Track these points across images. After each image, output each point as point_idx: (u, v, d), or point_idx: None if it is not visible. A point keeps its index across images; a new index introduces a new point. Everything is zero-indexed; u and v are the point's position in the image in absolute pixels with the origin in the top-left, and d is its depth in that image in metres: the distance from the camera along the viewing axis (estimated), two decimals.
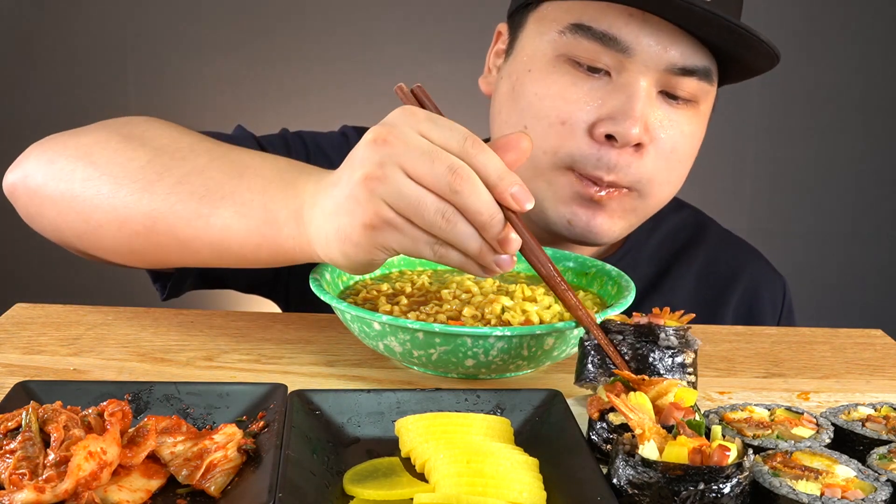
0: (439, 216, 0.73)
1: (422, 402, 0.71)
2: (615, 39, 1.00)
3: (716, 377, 0.90)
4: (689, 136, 1.07)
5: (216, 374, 0.85)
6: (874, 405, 0.74)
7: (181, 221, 0.87)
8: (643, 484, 0.58)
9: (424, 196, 0.73)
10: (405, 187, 0.73)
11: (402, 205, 0.73)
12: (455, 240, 0.74)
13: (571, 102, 1.02)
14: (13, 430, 0.61)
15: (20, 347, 0.89)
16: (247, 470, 0.62)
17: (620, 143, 1.01)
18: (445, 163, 0.72)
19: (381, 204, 0.74)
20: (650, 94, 1.02)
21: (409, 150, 0.73)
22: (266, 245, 0.85)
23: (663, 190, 1.08)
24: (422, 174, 0.72)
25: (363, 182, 0.74)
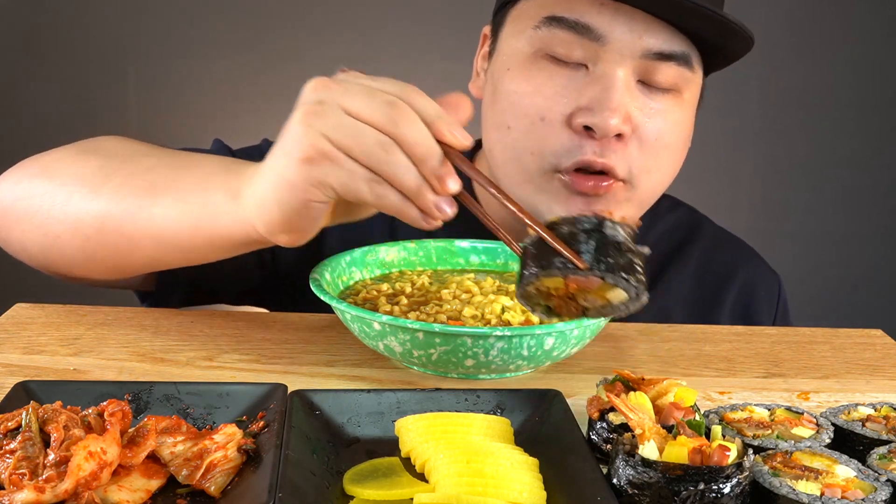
0: (378, 146, 0.72)
1: (422, 402, 0.71)
2: (588, 28, 1.00)
3: (716, 377, 0.90)
4: (675, 125, 1.06)
5: (216, 374, 0.85)
6: (874, 405, 0.74)
7: (126, 217, 0.88)
8: (643, 484, 0.58)
9: (363, 127, 0.73)
10: (344, 118, 0.73)
11: (339, 136, 0.73)
12: (393, 172, 0.73)
13: (549, 97, 1.02)
14: (13, 430, 0.61)
15: (20, 347, 0.89)
16: (247, 470, 0.62)
17: (600, 135, 1.00)
18: (384, 98, 0.73)
19: (318, 136, 0.73)
20: (628, 84, 1.02)
21: (348, 89, 0.74)
22: (203, 227, 0.85)
23: (653, 179, 1.07)
24: (360, 108, 0.73)
25: (301, 119, 0.74)
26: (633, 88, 1.02)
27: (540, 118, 1.03)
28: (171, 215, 0.86)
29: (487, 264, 1.04)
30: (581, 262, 0.68)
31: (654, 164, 1.06)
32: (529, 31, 1.03)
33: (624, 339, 0.99)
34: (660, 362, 0.93)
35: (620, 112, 1.00)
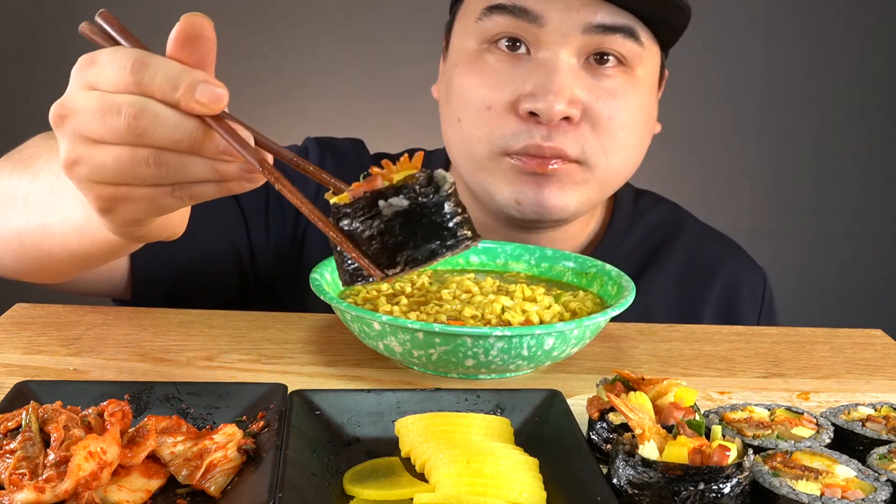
0: (145, 166, 0.64)
1: (422, 402, 0.71)
2: (525, 10, 1.01)
3: (716, 377, 0.90)
4: (629, 103, 1.05)
5: (216, 374, 0.85)
6: (874, 405, 0.74)
7: (37, 231, 0.85)
8: (643, 484, 0.58)
9: (119, 155, 0.64)
10: (100, 158, 0.65)
11: (107, 175, 0.65)
12: (183, 177, 0.65)
13: (494, 87, 1.04)
14: (13, 430, 0.61)
15: (20, 347, 0.89)
16: (247, 470, 0.62)
17: (545, 120, 1.01)
18: (115, 111, 0.63)
19: (95, 186, 0.67)
20: (572, 66, 1.02)
21: (82, 115, 0.65)
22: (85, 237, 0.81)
23: (613, 161, 1.06)
24: (102, 135, 0.64)
25: (68, 171, 0.67)
26: (579, 70, 1.03)
27: (486, 107, 1.04)
28: (65, 230, 0.82)
29: (487, 264, 1.04)
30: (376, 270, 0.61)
31: (610, 145, 1.05)
32: (473, 25, 1.05)
33: (624, 339, 0.99)
34: (660, 362, 0.93)
35: (564, 95, 1.00)
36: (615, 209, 1.23)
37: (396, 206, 0.60)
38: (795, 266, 2.80)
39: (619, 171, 1.09)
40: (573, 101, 1.01)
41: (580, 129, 1.03)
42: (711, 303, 1.20)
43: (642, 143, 1.10)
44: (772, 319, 1.25)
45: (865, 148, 2.85)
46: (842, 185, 2.86)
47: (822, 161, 2.85)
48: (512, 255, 1.04)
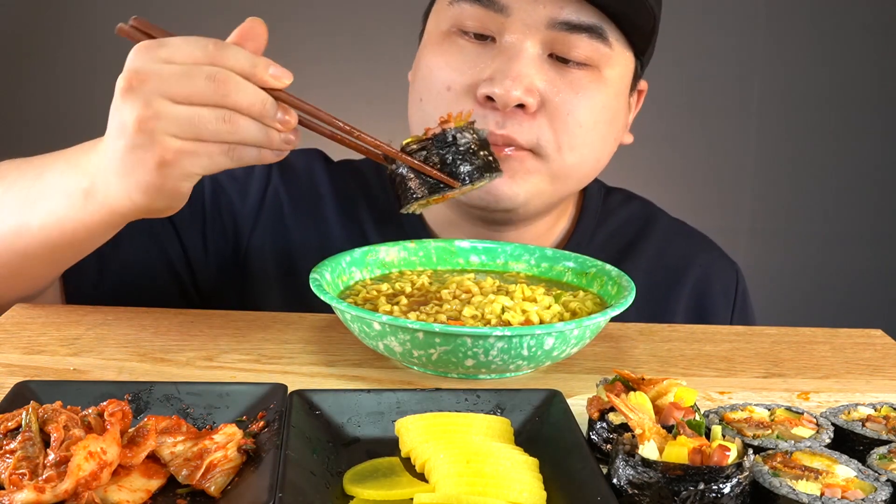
0: (221, 123, 0.77)
1: (422, 402, 0.71)
2: (492, 0, 1.01)
3: (716, 377, 0.90)
4: (590, 100, 1.04)
5: (216, 374, 0.85)
6: (874, 405, 0.74)
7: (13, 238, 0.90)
8: (643, 484, 0.58)
9: (200, 112, 0.76)
10: (179, 112, 0.76)
11: (183, 129, 0.76)
12: (243, 138, 0.78)
13: (455, 69, 1.04)
14: (13, 430, 0.61)
15: (20, 347, 0.89)
16: (247, 470, 0.62)
17: (500, 104, 1.00)
18: (202, 74, 0.76)
19: (165, 138, 0.77)
20: (535, 56, 1.02)
21: (165, 79, 0.76)
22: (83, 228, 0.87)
23: (566, 157, 1.05)
24: (187, 94, 0.76)
25: (138, 127, 0.77)
26: (542, 61, 1.03)
27: (446, 88, 1.05)
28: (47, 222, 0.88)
29: (487, 264, 1.04)
30: (453, 181, 0.86)
31: (567, 141, 1.04)
32: (445, 8, 1.06)
33: (624, 339, 0.99)
34: (660, 362, 0.93)
35: (521, 82, 1.00)
36: (583, 207, 1.23)
37: (460, 139, 0.87)
38: (795, 266, 2.80)
39: (573, 169, 1.07)
40: (530, 90, 1.01)
41: (536, 121, 1.02)
42: (683, 299, 1.19)
43: (604, 145, 1.09)
44: (746, 315, 1.23)
45: (867, 148, 2.85)
46: (842, 186, 2.86)
47: (823, 161, 2.85)
48: (512, 255, 1.04)
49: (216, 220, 1.16)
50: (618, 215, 1.24)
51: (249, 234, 1.16)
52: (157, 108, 0.76)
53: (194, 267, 1.15)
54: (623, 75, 1.08)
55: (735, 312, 1.22)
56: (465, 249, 1.05)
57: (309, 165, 1.23)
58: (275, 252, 1.16)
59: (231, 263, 1.16)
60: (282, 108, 0.80)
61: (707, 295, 1.20)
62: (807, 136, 2.83)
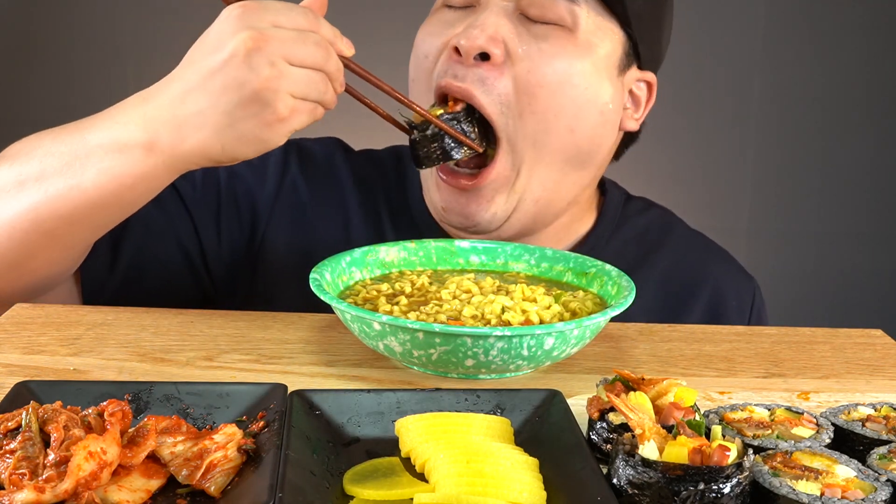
0: (323, 84, 0.88)
1: (422, 402, 0.71)
2: None
3: (716, 377, 0.90)
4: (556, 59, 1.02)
5: (216, 374, 0.85)
6: (874, 405, 0.74)
7: (58, 201, 0.91)
8: (643, 484, 0.58)
9: (311, 75, 0.87)
10: (299, 74, 0.85)
11: (300, 89, 0.86)
12: (329, 99, 0.89)
13: (437, 35, 1.06)
14: (13, 430, 0.61)
15: (20, 347, 0.89)
16: (247, 470, 0.62)
17: (464, 53, 1.01)
18: (312, 42, 0.86)
19: (286, 97, 0.85)
20: (506, 11, 1.03)
21: (284, 43, 0.85)
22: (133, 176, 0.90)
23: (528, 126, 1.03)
24: (303, 58, 0.85)
25: (264, 85, 0.84)
26: (513, 17, 1.04)
27: (424, 55, 1.07)
28: (100, 181, 0.90)
29: (487, 264, 1.04)
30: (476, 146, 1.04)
31: (527, 105, 1.02)
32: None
33: (624, 339, 0.99)
34: (660, 362, 0.93)
35: (486, 30, 1.01)
36: (601, 213, 1.21)
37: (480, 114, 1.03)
38: (795, 266, 2.79)
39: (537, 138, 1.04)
40: (494, 39, 1.01)
41: (501, 79, 1.02)
42: (696, 312, 1.17)
43: (575, 113, 1.04)
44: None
45: (866, 148, 2.85)
46: (842, 185, 2.86)
47: (823, 161, 2.85)
48: (512, 255, 1.04)
49: (231, 207, 1.15)
50: (635, 223, 1.22)
51: (267, 222, 1.16)
52: (282, 68, 0.84)
53: (207, 254, 1.15)
54: (602, 41, 1.05)
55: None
56: (465, 249, 1.05)
57: (329, 153, 1.23)
58: (293, 240, 1.16)
59: (246, 251, 1.16)
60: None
61: (721, 309, 1.18)
62: (806, 136, 2.83)
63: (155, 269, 1.13)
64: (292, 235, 1.16)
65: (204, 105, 0.85)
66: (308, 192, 1.18)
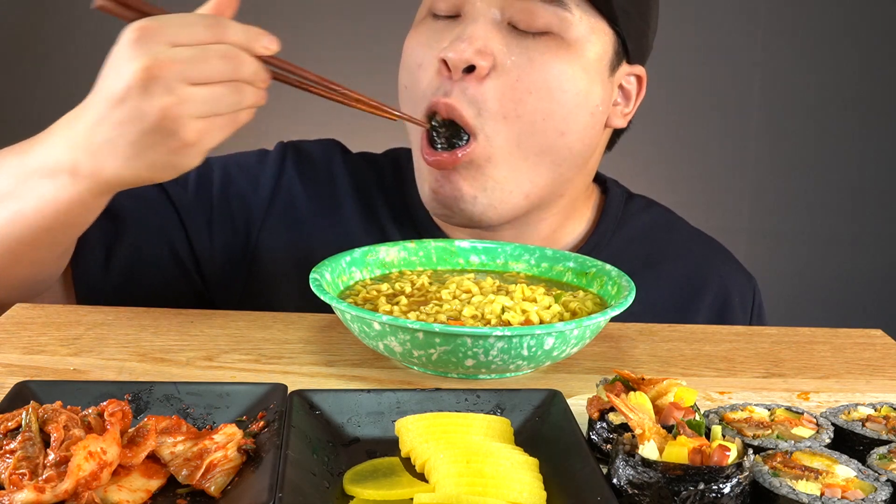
0: (234, 96, 0.82)
1: (422, 402, 0.71)
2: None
3: (716, 377, 0.90)
4: (546, 67, 1.02)
5: (216, 374, 0.85)
6: (874, 405, 0.74)
7: (11, 227, 0.90)
8: (643, 484, 0.58)
9: (220, 91, 0.81)
10: (201, 94, 0.80)
11: (205, 109, 0.81)
12: (245, 103, 0.84)
13: (425, 45, 1.06)
14: (13, 430, 0.61)
15: (20, 347, 0.89)
16: (247, 470, 0.62)
17: (453, 66, 1.01)
18: (216, 55, 0.80)
19: (190, 122, 0.80)
20: (493, 21, 1.02)
21: (183, 64, 0.79)
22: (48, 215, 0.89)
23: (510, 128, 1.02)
24: (207, 75, 0.80)
25: (164, 115, 0.79)
26: (501, 26, 1.03)
27: (417, 65, 1.06)
28: (38, 206, 0.88)
29: (487, 264, 1.04)
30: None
31: (513, 109, 1.02)
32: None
33: (624, 339, 0.99)
34: (660, 362, 0.93)
35: (474, 42, 1.01)
36: (604, 213, 1.20)
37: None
38: (795, 266, 2.80)
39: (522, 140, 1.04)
40: (482, 51, 1.01)
41: (483, 86, 1.01)
42: (703, 311, 1.17)
43: (564, 116, 1.04)
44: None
45: (866, 148, 2.85)
46: (842, 186, 2.86)
47: (823, 161, 2.85)
48: (512, 255, 1.04)
49: (224, 210, 1.15)
50: (637, 222, 1.22)
51: (260, 227, 1.16)
52: (181, 93, 0.79)
53: (199, 258, 1.14)
54: (593, 44, 1.04)
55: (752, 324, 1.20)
56: (465, 249, 1.05)
57: (327, 156, 1.23)
58: (290, 243, 1.16)
59: (241, 255, 1.16)
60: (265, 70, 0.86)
61: (727, 307, 1.18)
62: (807, 136, 2.83)
63: (149, 271, 1.13)
64: (289, 238, 1.16)
65: (112, 135, 0.82)
66: (305, 195, 1.18)
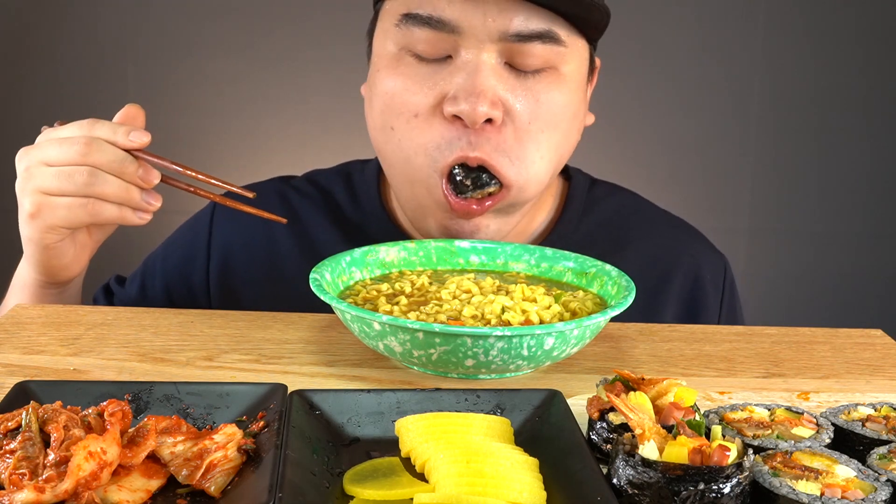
0: (84, 176, 0.94)
1: (422, 402, 0.71)
2: (441, 21, 1.00)
3: (716, 377, 0.90)
4: (553, 103, 1.04)
5: (216, 374, 0.85)
6: (874, 405, 0.74)
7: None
8: (643, 484, 0.58)
9: (63, 169, 0.94)
10: (47, 171, 0.95)
11: (49, 185, 0.95)
12: (101, 191, 0.95)
13: (418, 93, 1.03)
14: (13, 430, 0.61)
15: (20, 347, 0.89)
16: (247, 470, 0.62)
17: (470, 122, 1.00)
18: (74, 142, 0.94)
19: (34, 194, 0.96)
20: (495, 68, 1.01)
21: (44, 148, 0.95)
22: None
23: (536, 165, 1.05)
24: (58, 158, 0.94)
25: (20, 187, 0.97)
26: (501, 71, 1.02)
27: (414, 115, 1.04)
28: (33, 301, 1.11)
29: (487, 264, 1.04)
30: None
31: (535, 150, 1.04)
32: (392, 30, 1.05)
33: (624, 339, 0.99)
34: (660, 362, 0.93)
35: (487, 96, 1.00)
36: (568, 200, 1.22)
37: None
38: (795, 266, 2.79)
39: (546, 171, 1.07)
40: (495, 103, 1.01)
41: (502, 134, 1.02)
42: (675, 289, 1.18)
43: (567, 140, 1.09)
44: (734, 306, 1.23)
45: (866, 147, 2.85)
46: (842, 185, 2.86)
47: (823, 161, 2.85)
48: (512, 255, 1.04)
49: (181, 287, 1.23)
50: (603, 206, 1.23)
51: (208, 291, 1.22)
52: (31, 169, 0.96)
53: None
54: (579, 66, 1.07)
55: (724, 303, 1.21)
56: (465, 249, 1.05)
57: (265, 196, 1.25)
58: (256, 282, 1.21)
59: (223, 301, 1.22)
60: (143, 166, 0.95)
61: (698, 286, 1.20)
62: (807, 136, 2.83)
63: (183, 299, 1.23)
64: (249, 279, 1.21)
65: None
66: (245, 239, 1.21)
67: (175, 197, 1.05)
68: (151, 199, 0.97)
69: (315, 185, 1.25)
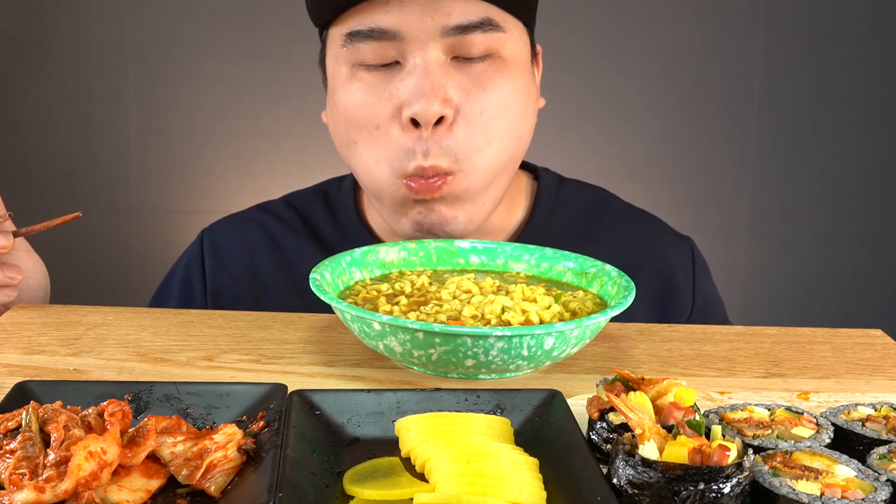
0: None
1: (422, 402, 0.71)
2: (383, 30, 1.02)
3: (716, 377, 0.90)
4: (499, 89, 1.05)
5: (216, 374, 0.85)
6: (874, 405, 0.74)
7: None
8: (643, 484, 0.58)
9: None
10: None
11: None
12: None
13: (376, 105, 1.04)
14: (13, 430, 0.61)
15: (20, 347, 0.89)
16: (247, 470, 0.62)
17: (424, 123, 1.01)
18: None
19: None
20: (441, 64, 1.02)
21: None
22: None
23: (486, 155, 1.06)
24: None
25: None
26: (448, 67, 1.03)
27: (376, 127, 1.05)
28: None
29: (487, 264, 1.04)
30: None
31: (484, 140, 1.05)
32: (341, 52, 1.06)
33: (624, 339, 0.99)
34: (660, 362, 0.93)
35: (438, 95, 1.01)
36: (537, 198, 1.23)
37: None
38: (796, 266, 2.79)
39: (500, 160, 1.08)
40: (447, 100, 1.02)
41: (454, 133, 1.03)
42: (646, 282, 1.18)
43: (521, 124, 1.09)
44: (706, 282, 1.25)
45: (867, 148, 2.85)
46: (843, 185, 2.86)
47: (823, 161, 2.85)
48: (512, 255, 1.04)
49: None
50: (571, 204, 1.25)
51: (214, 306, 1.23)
52: None
53: None
54: (521, 49, 1.09)
55: (696, 282, 1.23)
56: (465, 249, 1.05)
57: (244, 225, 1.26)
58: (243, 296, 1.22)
59: None
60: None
61: (669, 273, 1.22)
62: (807, 136, 2.83)
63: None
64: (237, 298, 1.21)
65: None
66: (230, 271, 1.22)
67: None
68: (13, 272, 0.98)
69: (293, 209, 1.26)
